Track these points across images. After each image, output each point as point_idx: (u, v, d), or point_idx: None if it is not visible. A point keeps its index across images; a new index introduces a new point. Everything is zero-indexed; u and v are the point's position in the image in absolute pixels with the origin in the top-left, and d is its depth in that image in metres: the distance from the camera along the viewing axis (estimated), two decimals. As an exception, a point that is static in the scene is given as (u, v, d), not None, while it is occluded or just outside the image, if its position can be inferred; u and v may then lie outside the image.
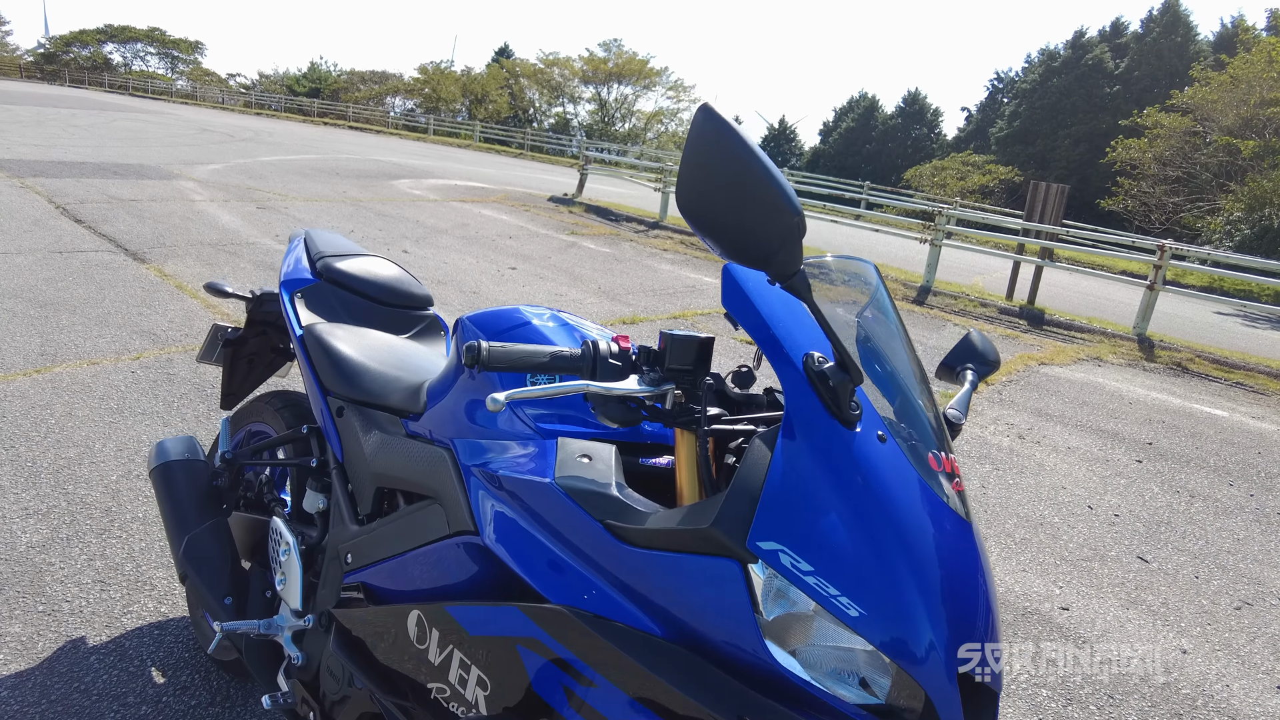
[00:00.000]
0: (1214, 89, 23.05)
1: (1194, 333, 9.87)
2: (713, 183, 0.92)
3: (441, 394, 1.49)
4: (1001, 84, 46.56)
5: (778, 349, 1.02)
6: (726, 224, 0.93)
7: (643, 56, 42.20)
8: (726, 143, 0.90)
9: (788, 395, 1.00)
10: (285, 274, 2.04)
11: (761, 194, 0.90)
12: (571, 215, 13.26)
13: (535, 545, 1.11)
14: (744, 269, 1.09)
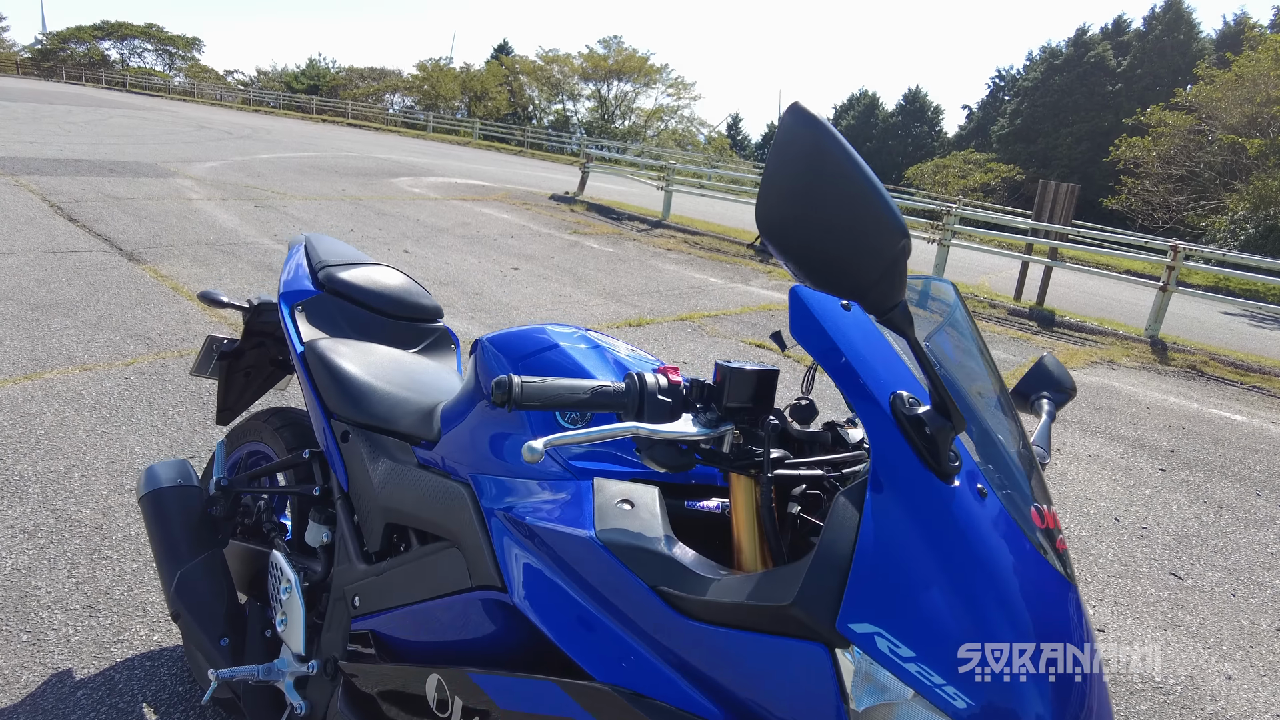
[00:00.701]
0: (1218, 87, 22.90)
1: (1202, 333, 9.74)
2: (802, 197, 0.77)
3: (457, 421, 1.35)
4: (1003, 81, 46.41)
5: (860, 388, 0.87)
6: (817, 247, 0.78)
7: (643, 53, 41.93)
8: (822, 149, 0.76)
9: (874, 443, 0.85)
10: (285, 285, 1.90)
11: (863, 212, 0.76)
12: (573, 214, 13.11)
13: (574, 610, 0.97)
14: (814, 291, 0.95)
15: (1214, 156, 23.21)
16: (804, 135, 0.76)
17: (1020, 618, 0.81)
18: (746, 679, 0.83)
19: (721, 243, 11.76)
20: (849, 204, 0.76)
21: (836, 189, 0.76)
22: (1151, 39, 36.84)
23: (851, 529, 0.81)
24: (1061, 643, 0.83)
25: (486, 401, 1.29)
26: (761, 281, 9.31)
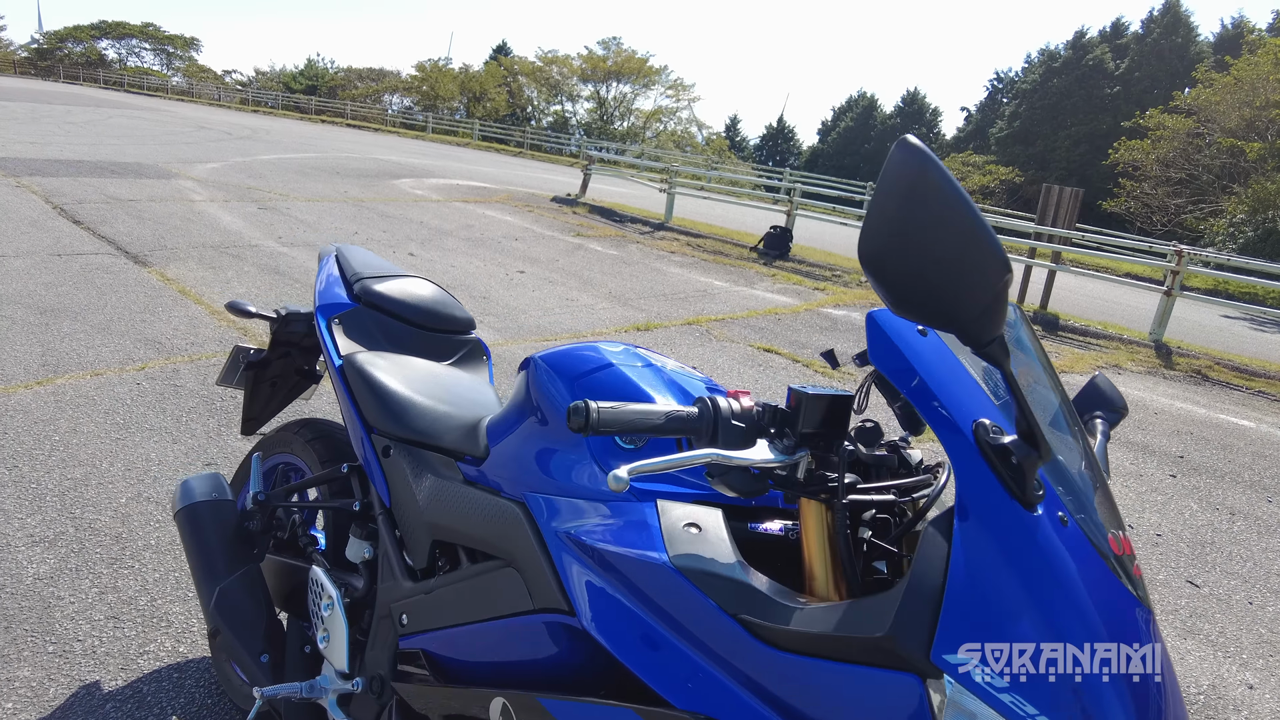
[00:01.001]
0: (1217, 90, 22.96)
1: (1204, 337, 9.76)
2: (907, 229, 0.77)
3: (505, 438, 1.35)
4: (1001, 84, 46.49)
5: (943, 416, 0.87)
6: (920, 279, 0.78)
7: (642, 55, 41.94)
8: (931, 184, 0.75)
9: (959, 471, 0.85)
10: (320, 297, 1.89)
11: (969, 246, 0.75)
12: (576, 216, 13.11)
13: (650, 636, 0.96)
14: (892, 317, 0.95)
15: (1212, 160, 23.26)
16: (912, 169, 0.76)
17: (1106, 645, 0.81)
18: (835, 710, 0.83)
19: (724, 245, 11.76)
20: (955, 238, 0.75)
21: (942, 223, 0.75)
22: (1150, 42, 36.92)
23: (941, 559, 0.81)
24: (1146, 673, 0.83)
25: (536, 420, 1.29)
26: (766, 285, 9.31)
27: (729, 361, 5.79)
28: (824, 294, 9.13)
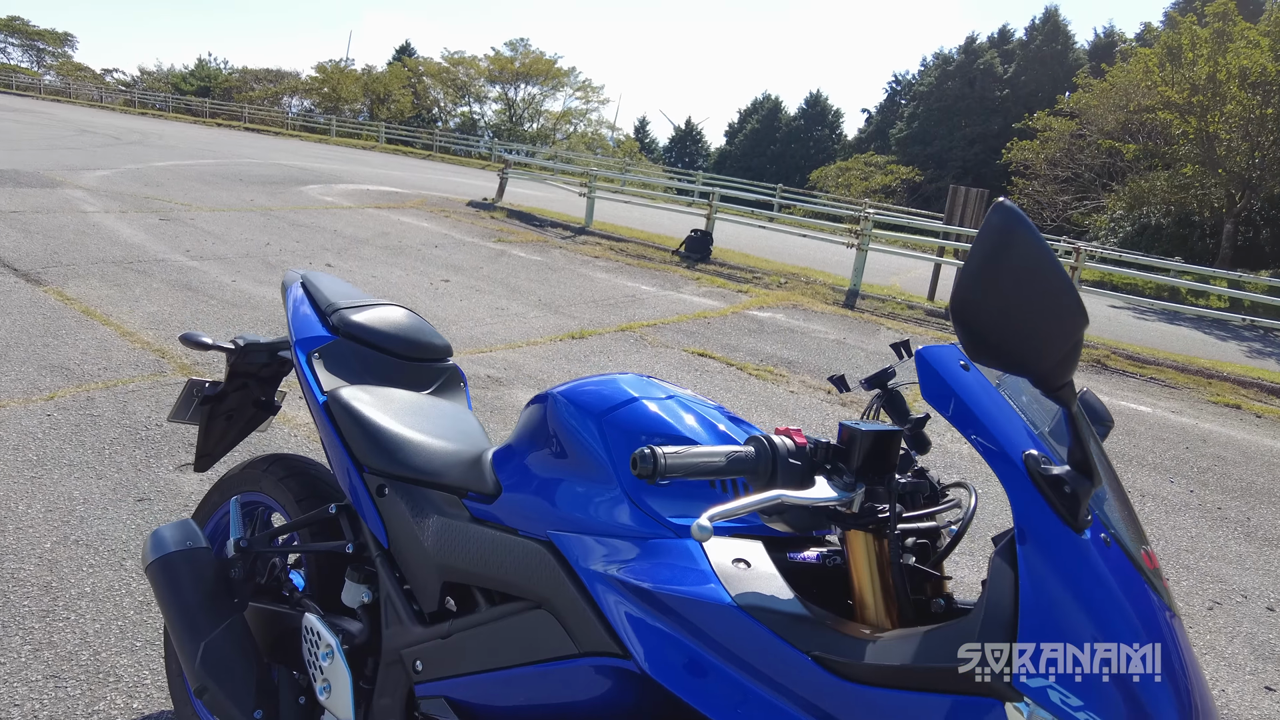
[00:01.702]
0: (1095, 95, 24.48)
1: (1095, 327, 10.38)
2: (1000, 283, 0.82)
3: (520, 474, 1.32)
4: (899, 86, 48.34)
5: (998, 450, 0.91)
6: (1006, 329, 0.82)
7: (550, 56, 41.75)
8: (1025, 243, 0.81)
9: (1016, 502, 0.90)
10: (296, 330, 1.81)
11: (1054, 300, 0.81)
12: (494, 221, 12.94)
13: (721, 678, 0.96)
14: (938, 353, 0.98)
15: (1094, 159, 24.82)
16: (1009, 231, 0.81)
17: (1155, 655, 0.85)
18: None
19: (647, 249, 11.82)
20: (1040, 291, 0.81)
21: (1031, 277, 0.80)
22: (1033, 48, 39.10)
23: (1010, 587, 0.85)
24: (1189, 679, 0.88)
25: (556, 456, 1.26)
26: (692, 289, 9.41)
27: (666, 367, 5.82)
28: (748, 296, 9.29)
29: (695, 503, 1.15)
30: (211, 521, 1.99)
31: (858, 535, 1.01)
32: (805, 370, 6.28)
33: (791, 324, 8.13)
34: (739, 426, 1.29)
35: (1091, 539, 0.90)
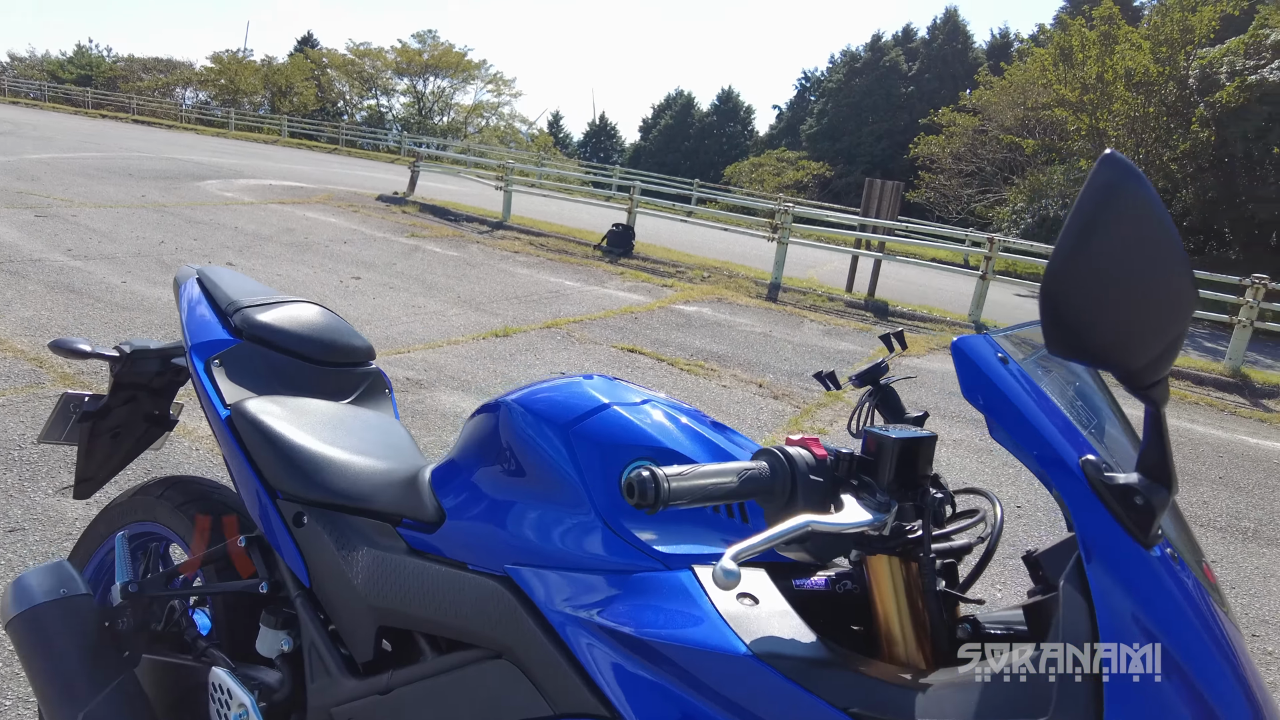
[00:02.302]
0: (995, 92, 25.48)
1: (1004, 314, 10.69)
2: (1104, 258, 0.66)
3: (466, 497, 1.12)
4: (809, 83, 49.31)
5: (1051, 456, 0.77)
6: (1105, 314, 0.67)
7: (460, 48, 40.74)
8: (1137, 205, 0.65)
9: (1078, 517, 0.76)
10: (192, 333, 1.55)
11: (1166, 278, 0.66)
12: (406, 216, 12.47)
13: None
14: (977, 344, 0.83)
15: (995, 154, 25.80)
16: (1121, 190, 0.66)
17: (1233, 676, 0.74)
18: None
19: (567, 244, 11.59)
20: (1153, 268, 0.66)
21: (1142, 249, 0.65)
22: (935, 46, 40.45)
23: (1087, 620, 0.71)
24: (1264, 699, 0.77)
25: (512, 476, 1.07)
26: (616, 284, 9.24)
27: (595, 364, 5.64)
28: (673, 290, 9.19)
29: (683, 526, 0.98)
30: (94, 561, 1.71)
31: (883, 560, 0.87)
32: (735, 364, 6.20)
33: (718, 318, 8.06)
34: (724, 435, 1.13)
35: (1162, 555, 0.77)
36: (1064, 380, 0.98)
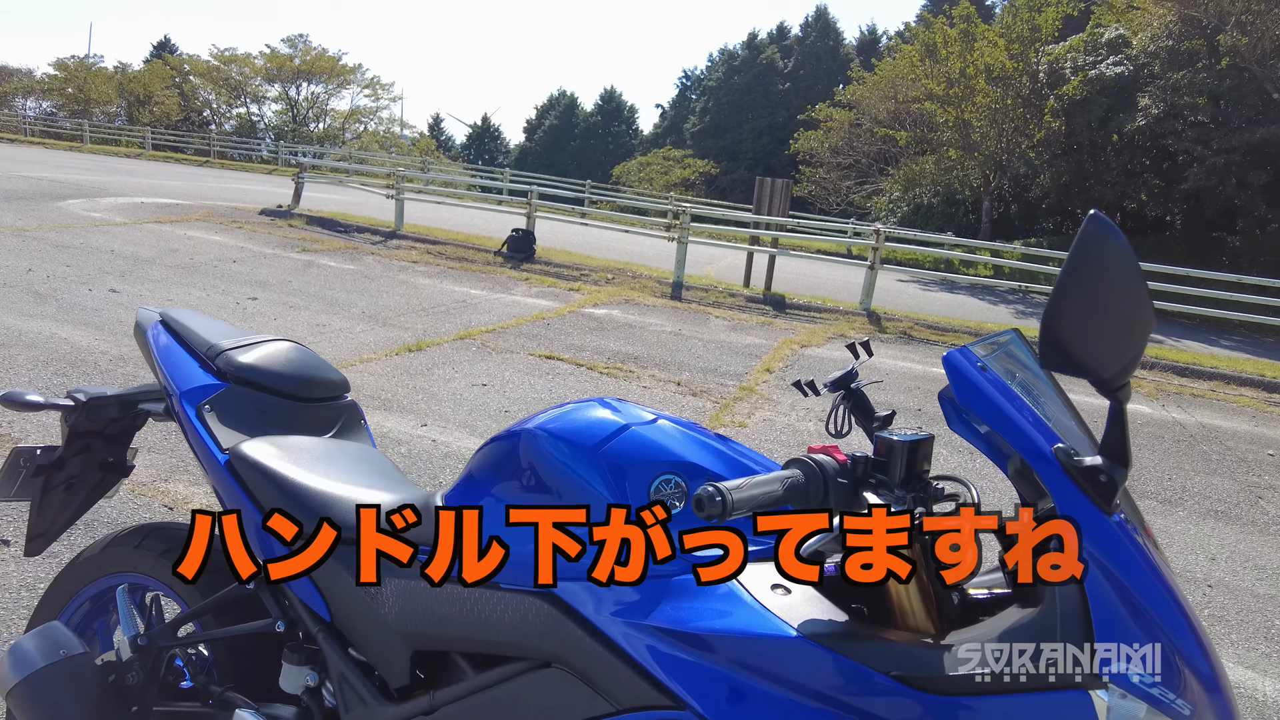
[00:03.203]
0: (867, 87, 26.70)
1: (890, 300, 11.32)
2: (1091, 295, 0.85)
3: (493, 521, 1.18)
4: (690, 82, 50.24)
5: (1030, 445, 0.93)
6: (1095, 341, 0.85)
7: (333, 53, 39.30)
8: (1118, 254, 0.84)
9: (1057, 495, 0.93)
10: (177, 380, 1.53)
11: (1136, 308, 0.85)
12: (295, 230, 12.02)
13: (796, 713, 0.91)
14: (966, 360, 0.98)
15: (871, 146, 27.05)
16: (1102, 240, 0.84)
17: (1194, 628, 0.90)
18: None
19: (466, 251, 11.47)
20: (1127, 301, 0.85)
21: (1120, 286, 0.84)
22: (809, 44, 41.99)
23: (1075, 580, 0.86)
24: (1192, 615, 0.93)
25: (526, 493, 1.14)
26: (522, 290, 9.23)
27: (515, 374, 5.65)
28: (580, 294, 9.26)
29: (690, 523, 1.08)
30: (68, 617, 1.65)
31: None
32: (652, 364, 6.34)
33: (628, 319, 8.19)
34: (726, 445, 1.23)
35: (1120, 520, 0.94)
36: (1023, 381, 1.13)
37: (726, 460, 1.17)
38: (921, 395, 6.32)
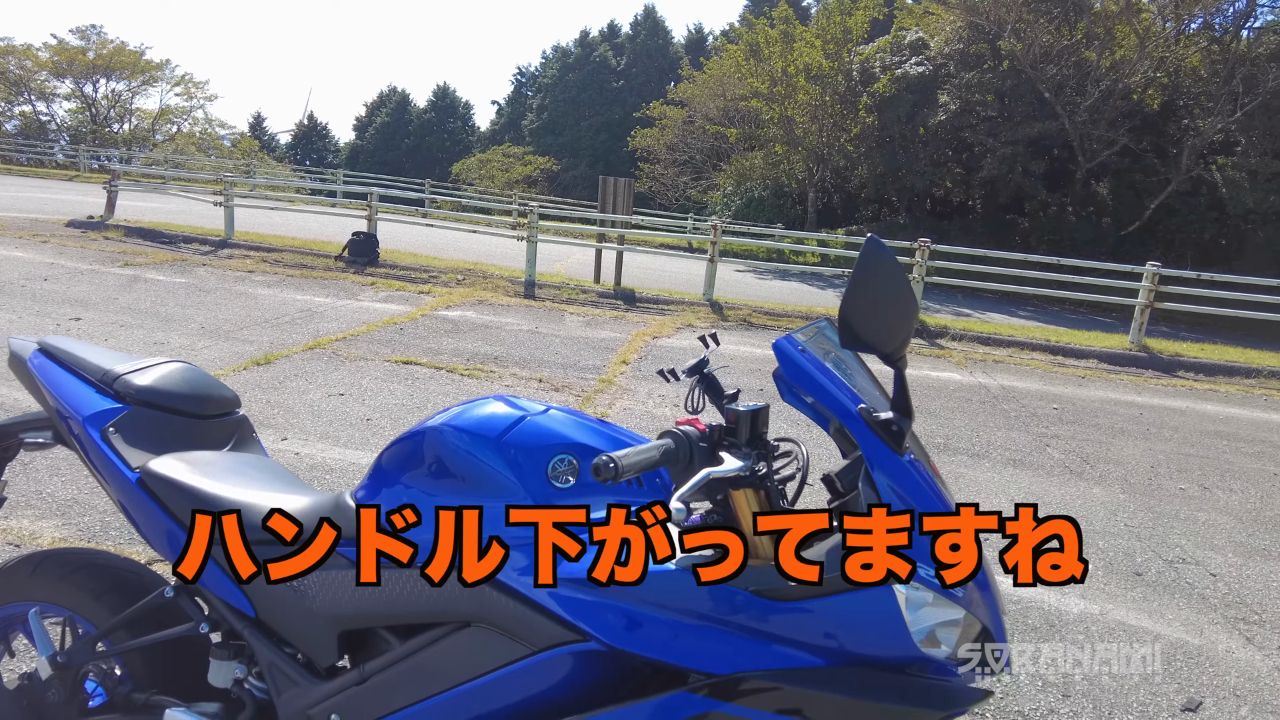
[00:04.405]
0: (698, 85, 27.73)
1: (730, 290, 11.99)
2: (872, 294, 1.13)
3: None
4: (525, 79, 49.99)
5: (845, 410, 1.22)
6: (874, 324, 1.13)
7: (135, 47, 36.10)
8: (888, 265, 1.14)
9: (863, 442, 1.21)
10: (77, 406, 1.57)
11: (903, 302, 1.15)
12: (111, 242, 11.15)
13: (681, 631, 1.16)
14: (791, 346, 1.26)
15: (704, 143, 28.13)
16: (877, 256, 1.13)
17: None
18: (837, 629, 1.14)
19: (305, 257, 11.08)
20: (896, 297, 1.15)
21: (890, 288, 1.14)
22: (639, 42, 42.87)
23: (875, 499, 1.16)
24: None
25: (454, 484, 1.33)
26: (370, 295, 9.07)
27: (373, 381, 5.64)
28: (432, 297, 9.22)
29: (597, 497, 1.31)
30: None
31: (745, 491, 1.26)
32: (512, 363, 6.49)
33: (483, 320, 8.26)
34: (606, 426, 1.47)
35: (909, 460, 1.25)
36: (835, 358, 1.44)
37: (608, 439, 1.41)
38: (762, 376, 6.82)
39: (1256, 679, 2.89)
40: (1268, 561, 3.94)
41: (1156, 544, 4.02)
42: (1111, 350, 9.66)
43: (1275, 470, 5.58)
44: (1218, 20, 19.52)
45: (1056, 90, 18.68)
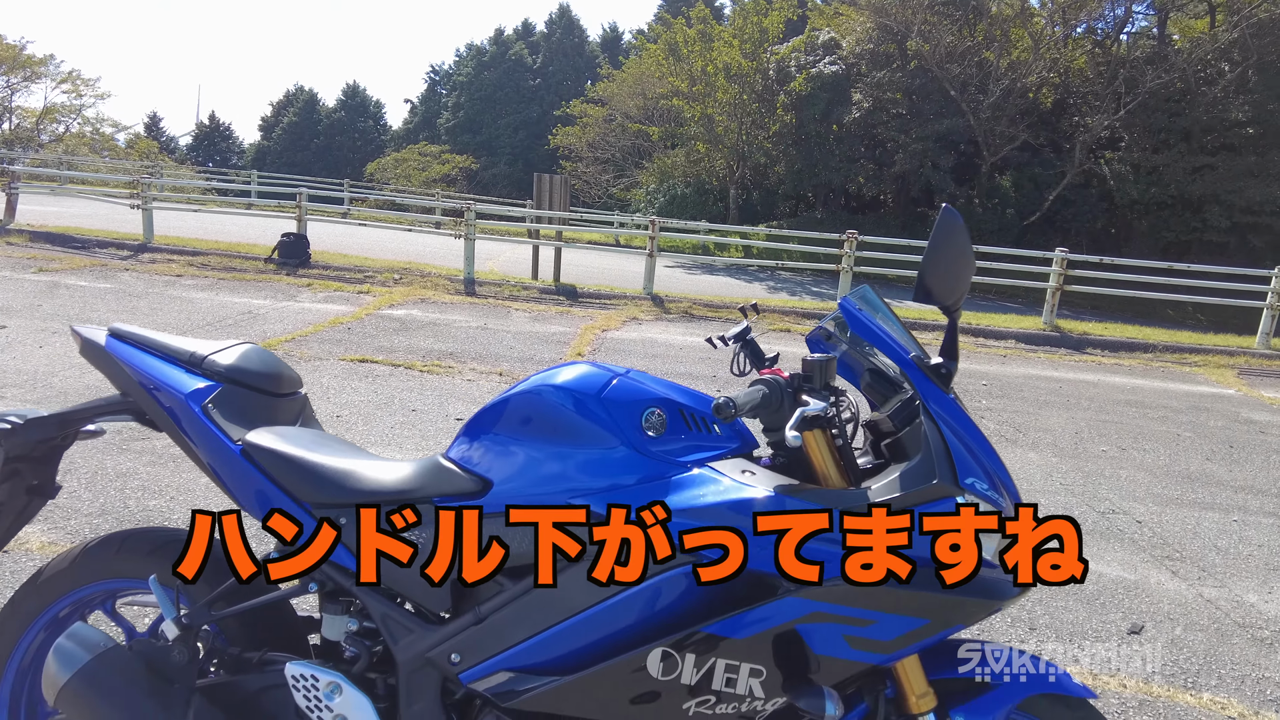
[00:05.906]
0: (617, 84, 27.95)
1: (664, 284, 12.22)
2: (946, 256, 1.36)
3: (504, 465, 1.49)
4: (438, 77, 49.21)
5: (903, 358, 1.43)
6: (947, 282, 1.35)
7: (13, 41, 33.94)
8: (961, 232, 1.36)
9: (919, 385, 1.42)
10: (176, 385, 1.65)
11: (967, 263, 1.38)
12: (17, 248, 10.60)
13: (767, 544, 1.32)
14: (851, 301, 1.48)
15: (625, 141, 28.38)
16: (954, 224, 1.35)
17: (998, 458, 1.46)
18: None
19: (233, 260, 10.78)
20: (963, 259, 1.37)
21: (960, 251, 1.36)
22: (555, 40, 42.83)
23: (937, 434, 1.37)
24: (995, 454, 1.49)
25: (557, 439, 1.48)
26: (309, 297, 8.93)
27: (333, 380, 5.63)
28: (372, 297, 9.14)
29: (683, 445, 1.48)
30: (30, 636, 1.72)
31: (817, 432, 1.46)
32: (469, 359, 6.55)
33: (430, 317, 8.26)
34: (682, 387, 1.65)
35: (953, 398, 1.47)
36: (883, 317, 1.65)
37: (686, 393, 1.59)
38: (714, 364, 7.08)
39: (1185, 604, 3.28)
40: (1181, 509, 4.40)
41: (1089, 498, 4.44)
42: (1028, 331, 10.35)
43: (1178, 432, 6.17)
44: (1100, 25, 20.97)
45: (961, 89, 19.68)
